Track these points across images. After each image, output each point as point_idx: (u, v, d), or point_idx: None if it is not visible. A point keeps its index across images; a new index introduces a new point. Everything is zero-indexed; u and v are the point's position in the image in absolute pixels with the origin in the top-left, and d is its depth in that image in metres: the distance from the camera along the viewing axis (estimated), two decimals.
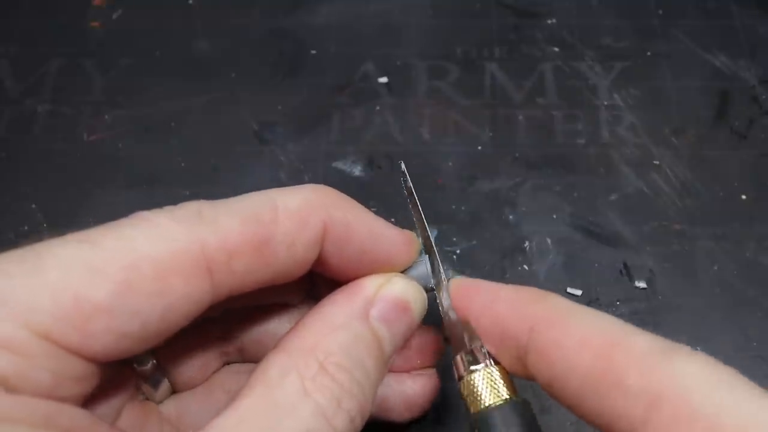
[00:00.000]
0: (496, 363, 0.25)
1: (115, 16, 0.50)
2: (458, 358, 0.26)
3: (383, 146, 0.44)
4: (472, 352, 0.25)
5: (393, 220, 0.30)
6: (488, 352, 0.25)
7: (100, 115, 0.45)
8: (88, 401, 0.24)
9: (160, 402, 0.29)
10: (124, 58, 0.48)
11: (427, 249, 0.29)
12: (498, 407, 0.24)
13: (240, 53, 0.48)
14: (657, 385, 0.20)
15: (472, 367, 0.25)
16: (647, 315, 0.37)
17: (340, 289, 0.27)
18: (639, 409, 0.20)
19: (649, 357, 0.21)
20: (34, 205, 0.41)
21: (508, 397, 0.24)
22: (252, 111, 0.45)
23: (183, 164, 0.43)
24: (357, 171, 0.43)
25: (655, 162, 0.43)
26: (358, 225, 0.26)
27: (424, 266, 0.29)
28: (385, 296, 0.26)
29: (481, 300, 0.26)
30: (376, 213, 0.30)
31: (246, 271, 0.24)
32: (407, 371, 0.30)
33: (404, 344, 0.28)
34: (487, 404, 0.24)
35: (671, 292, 0.38)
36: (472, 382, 0.25)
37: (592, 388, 0.21)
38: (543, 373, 0.23)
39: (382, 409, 0.29)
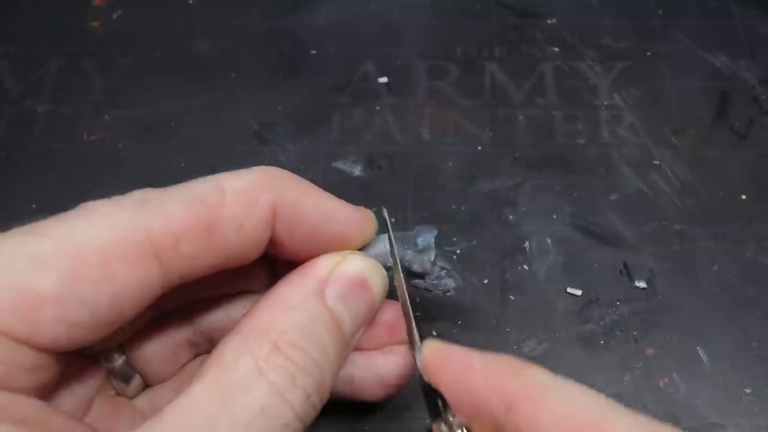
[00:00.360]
0: None
1: (115, 16, 0.50)
2: (434, 427, 0.25)
3: (383, 146, 0.44)
4: (445, 420, 0.24)
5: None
6: (462, 423, 0.24)
7: (100, 115, 0.45)
8: (53, 394, 0.24)
9: (133, 397, 0.29)
10: (124, 58, 0.48)
11: (385, 230, 0.29)
12: None
13: (240, 53, 0.48)
14: None
15: None
16: (647, 315, 0.37)
17: (295, 270, 0.27)
18: None
19: None
20: (34, 205, 0.41)
21: None
22: (252, 111, 0.45)
23: (183, 164, 0.43)
24: (357, 171, 0.43)
25: (655, 162, 0.43)
26: (309, 204, 0.26)
27: (382, 244, 0.28)
28: (340, 274, 0.26)
29: (454, 370, 0.24)
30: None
31: (195, 255, 0.24)
32: (377, 348, 0.29)
33: (368, 322, 0.27)
34: None
35: (671, 292, 0.38)
36: None
37: None
38: None
39: (355, 389, 0.29)
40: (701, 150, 0.43)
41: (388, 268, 0.28)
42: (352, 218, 0.27)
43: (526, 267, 0.39)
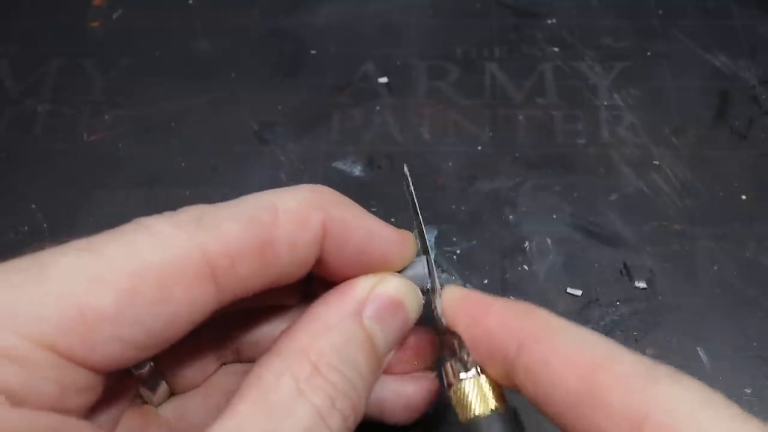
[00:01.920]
0: (484, 372, 0.25)
1: (115, 16, 0.50)
2: (448, 365, 0.26)
3: (383, 146, 0.44)
4: (461, 360, 0.25)
5: (393, 220, 0.30)
6: (477, 362, 0.25)
7: (100, 115, 0.45)
8: (90, 411, 0.24)
9: (159, 405, 0.29)
10: (124, 58, 0.48)
11: (424, 250, 0.29)
12: (487, 417, 0.24)
13: (240, 53, 0.48)
14: (641, 407, 0.20)
15: (462, 376, 0.25)
16: (647, 315, 0.37)
17: (333, 290, 0.27)
18: (622, 430, 0.20)
19: (634, 379, 0.21)
20: (34, 205, 0.41)
21: (496, 407, 0.25)
22: (252, 111, 0.45)
23: (183, 164, 0.43)
24: (357, 171, 0.43)
25: (655, 162, 0.43)
26: (356, 224, 0.26)
27: (421, 266, 0.28)
28: (378, 295, 0.26)
29: (471, 311, 0.25)
30: (376, 213, 0.30)
31: (249, 275, 0.24)
32: (406, 373, 0.30)
33: (400, 344, 0.28)
34: (476, 414, 0.24)
35: (671, 292, 0.38)
36: (461, 391, 0.25)
37: (576, 407, 0.22)
38: (529, 389, 0.23)
39: (381, 411, 0.29)
40: (701, 150, 0.43)
41: (423, 291, 0.28)
42: (395, 239, 0.27)
43: (526, 267, 0.39)
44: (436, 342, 0.30)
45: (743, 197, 0.41)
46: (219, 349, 0.30)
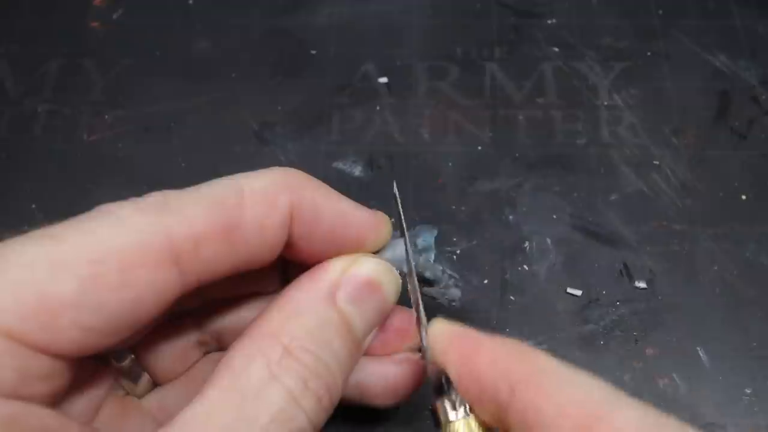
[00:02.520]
0: (473, 412, 0.24)
1: (115, 16, 0.50)
2: (438, 404, 0.25)
3: (383, 146, 0.44)
4: (449, 398, 0.25)
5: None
6: (466, 402, 0.24)
7: (100, 115, 0.45)
8: (63, 398, 0.24)
9: (142, 396, 0.29)
10: (124, 58, 0.48)
11: (402, 235, 0.28)
12: None
13: (240, 53, 0.48)
14: None
15: (451, 416, 0.24)
16: (647, 315, 0.37)
17: (305, 273, 0.26)
18: None
19: None
20: (34, 205, 0.41)
21: None
22: (252, 111, 0.45)
23: (183, 164, 0.43)
24: (357, 171, 0.43)
25: (655, 162, 0.43)
26: (326, 204, 0.26)
27: (399, 249, 0.28)
28: (352, 276, 0.26)
29: (460, 350, 0.24)
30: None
31: (215, 258, 0.24)
32: (388, 354, 0.29)
33: (379, 325, 0.27)
34: None
35: (671, 292, 0.38)
36: None
37: None
38: None
39: (366, 394, 0.29)
40: (701, 150, 0.43)
41: (402, 274, 0.28)
42: (366, 220, 0.27)
43: (526, 267, 0.39)
44: (417, 322, 0.29)
45: (743, 197, 0.41)
46: (199, 337, 0.30)
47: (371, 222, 0.27)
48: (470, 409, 0.24)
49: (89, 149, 0.44)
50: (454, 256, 0.39)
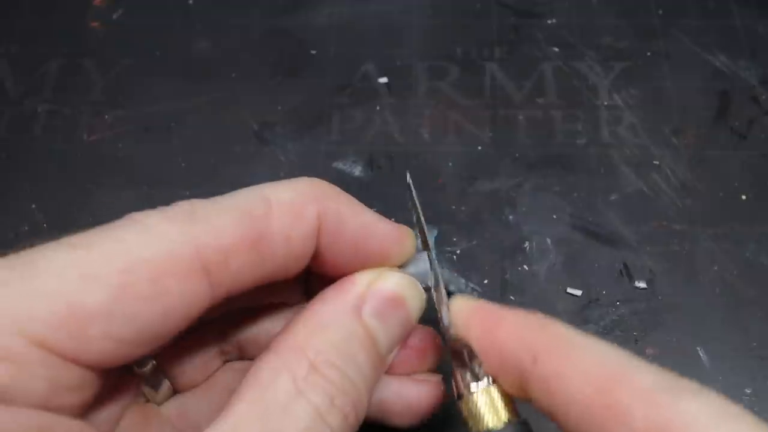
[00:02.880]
0: (495, 382, 0.25)
1: (115, 16, 0.50)
2: (458, 375, 0.25)
3: (383, 146, 0.44)
4: (472, 371, 0.25)
5: (393, 219, 0.30)
6: (488, 373, 0.25)
7: (100, 115, 0.45)
8: (89, 408, 0.24)
9: (161, 403, 0.29)
10: (124, 58, 0.48)
11: (425, 247, 0.28)
12: (500, 430, 0.24)
13: (240, 53, 0.48)
14: (661, 423, 0.20)
15: (472, 386, 0.25)
16: (647, 315, 0.37)
17: (331, 286, 0.26)
18: None
19: (654, 394, 0.20)
20: (34, 205, 0.41)
21: (509, 419, 0.24)
22: (252, 111, 0.45)
23: (183, 164, 0.43)
24: (357, 171, 0.43)
25: (655, 162, 0.43)
26: (352, 217, 0.26)
27: (423, 263, 0.28)
28: (377, 291, 0.26)
29: (483, 323, 0.25)
30: (378, 211, 0.30)
31: (243, 269, 0.24)
32: (409, 374, 0.29)
33: (402, 342, 0.27)
34: (489, 427, 0.24)
35: (671, 292, 0.38)
36: (472, 403, 0.25)
37: (593, 421, 0.21)
38: (543, 402, 0.23)
39: (383, 413, 0.29)
40: (701, 150, 0.43)
41: (426, 288, 0.28)
42: (390, 233, 0.27)
43: (526, 267, 0.39)
44: (440, 344, 0.29)
45: (743, 197, 0.41)
46: (222, 346, 0.30)
47: (395, 234, 0.27)
48: (492, 380, 0.25)
49: (89, 149, 0.44)
50: (454, 256, 0.39)
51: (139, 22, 0.50)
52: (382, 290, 0.26)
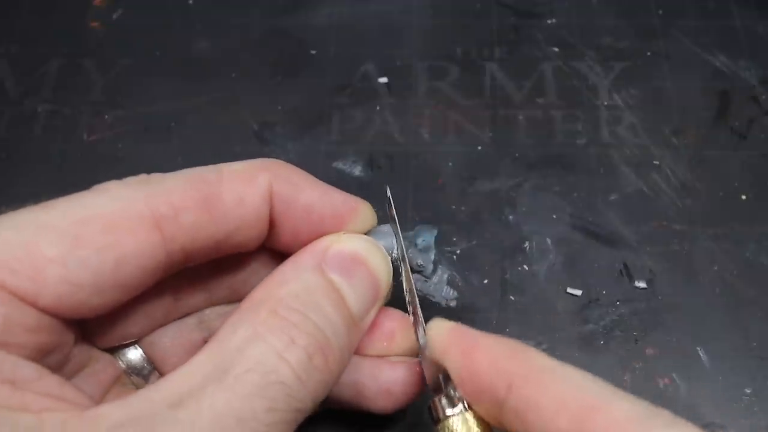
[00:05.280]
0: (471, 408, 0.25)
1: (115, 16, 0.50)
2: (435, 400, 0.25)
3: (383, 146, 0.44)
4: (447, 396, 0.25)
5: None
6: (463, 398, 0.25)
7: (99, 115, 0.45)
8: (66, 376, 0.25)
9: None
10: (124, 58, 0.48)
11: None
12: None
13: (240, 53, 0.48)
14: None
15: (447, 411, 0.25)
16: (647, 315, 0.37)
17: (293, 254, 0.27)
18: None
19: (628, 425, 0.20)
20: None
21: None
22: (252, 111, 0.45)
23: (183, 164, 0.43)
24: (357, 171, 0.43)
25: (655, 162, 0.43)
26: (305, 184, 0.27)
27: (388, 237, 0.29)
28: (338, 249, 0.27)
29: (459, 347, 0.25)
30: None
31: (196, 226, 0.25)
32: (382, 356, 0.29)
33: (375, 304, 0.27)
34: None
35: (671, 292, 0.38)
36: (448, 428, 0.25)
37: None
38: (518, 430, 0.23)
39: (363, 398, 0.29)
40: (701, 150, 0.43)
41: (393, 263, 0.28)
42: (347, 202, 0.28)
43: (526, 267, 0.39)
44: (409, 324, 0.29)
45: (743, 197, 0.41)
46: (206, 338, 0.30)
47: (351, 203, 0.28)
48: (468, 405, 0.25)
49: (89, 149, 0.44)
50: (454, 256, 0.39)
51: (138, 22, 0.50)
52: (342, 249, 0.27)
